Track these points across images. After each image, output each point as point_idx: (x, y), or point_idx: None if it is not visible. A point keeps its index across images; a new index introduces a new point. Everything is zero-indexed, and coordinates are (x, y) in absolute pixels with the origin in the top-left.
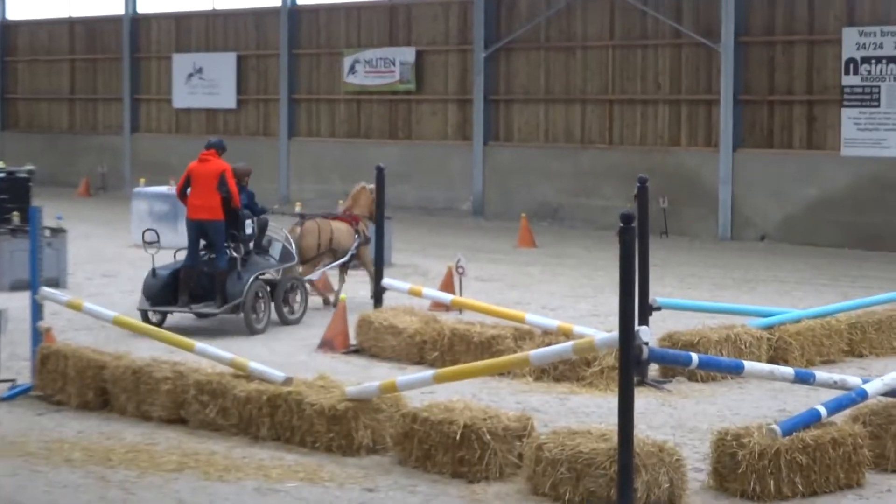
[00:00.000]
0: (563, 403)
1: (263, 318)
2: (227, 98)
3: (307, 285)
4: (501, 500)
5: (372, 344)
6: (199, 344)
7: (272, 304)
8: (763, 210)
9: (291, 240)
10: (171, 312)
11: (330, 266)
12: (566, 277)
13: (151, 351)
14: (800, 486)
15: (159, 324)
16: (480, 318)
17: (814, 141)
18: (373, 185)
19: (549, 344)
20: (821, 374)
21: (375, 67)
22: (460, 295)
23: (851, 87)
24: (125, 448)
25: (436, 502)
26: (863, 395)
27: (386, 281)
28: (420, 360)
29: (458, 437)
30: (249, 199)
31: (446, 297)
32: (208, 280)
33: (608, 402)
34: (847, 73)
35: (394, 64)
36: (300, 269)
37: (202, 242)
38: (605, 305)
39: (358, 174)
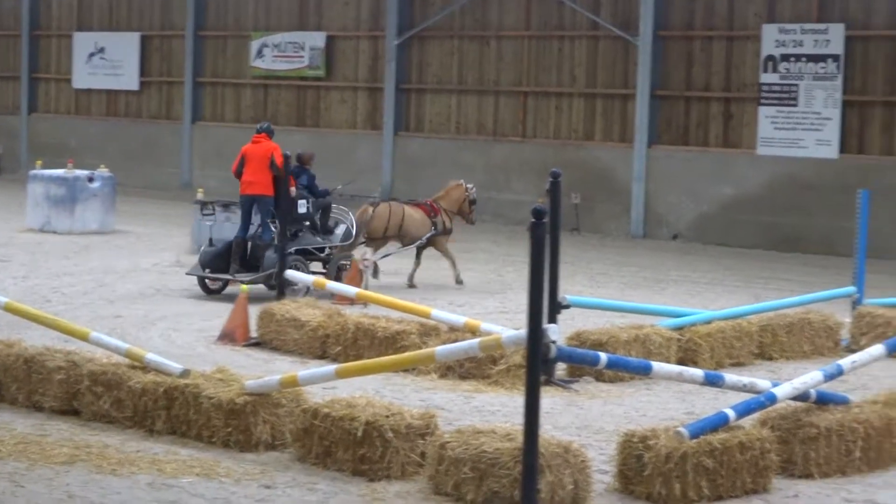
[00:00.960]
0: (468, 402)
1: (300, 290)
2: (129, 79)
3: (365, 264)
4: (403, 500)
5: (273, 337)
6: (95, 333)
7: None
8: (677, 208)
9: (355, 222)
10: (217, 279)
11: (396, 251)
12: (475, 273)
13: (44, 339)
14: (706, 491)
15: (219, 291)
16: (385, 313)
17: (730, 139)
18: (472, 186)
19: (455, 340)
20: (730, 376)
21: (284, 52)
22: (366, 289)
23: (769, 85)
24: (15, 439)
25: (335, 500)
26: (772, 399)
27: (289, 273)
28: (322, 355)
29: (359, 435)
30: (310, 180)
31: (351, 290)
32: (256, 251)
33: (514, 401)
34: (765, 70)
35: (303, 49)
36: (366, 249)
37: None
38: (514, 302)
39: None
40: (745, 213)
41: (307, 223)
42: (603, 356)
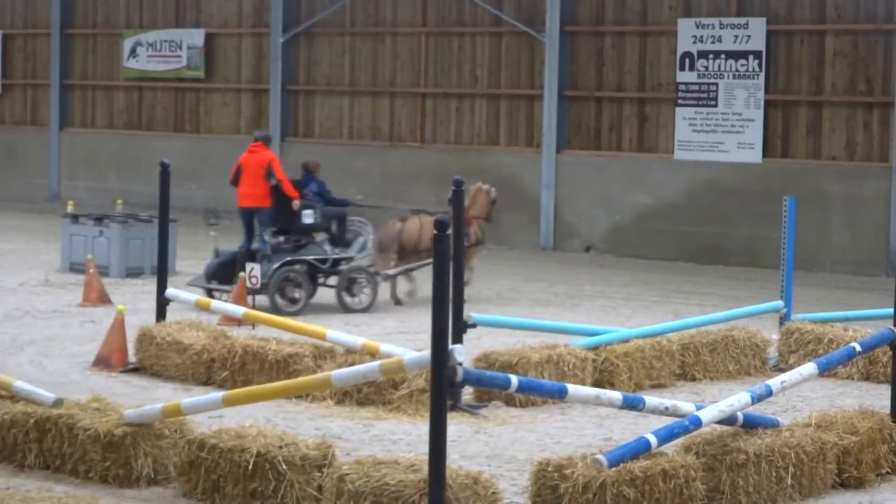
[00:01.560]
0: (368, 430)
1: (301, 301)
2: None
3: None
4: None
5: (153, 362)
6: None
7: (313, 290)
8: (589, 218)
9: (383, 236)
10: (218, 290)
11: (419, 266)
12: None
13: None
14: None
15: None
16: (276, 334)
17: (645, 143)
18: (489, 186)
19: (352, 363)
20: (651, 399)
21: (159, 51)
22: (253, 308)
23: (687, 84)
24: None
25: None
26: (696, 423)
27: (170, 292)
28: (208, 381)
29: (250, 467)
30: (321, 188)
31: (238, 310)
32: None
33: (417, 429)
34: (682, 68)
35: (180, 47)
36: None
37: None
38: (415, 321)
39: (138, 170)
40: (663, 222)
41: (316, 234)
42: (514, 379)
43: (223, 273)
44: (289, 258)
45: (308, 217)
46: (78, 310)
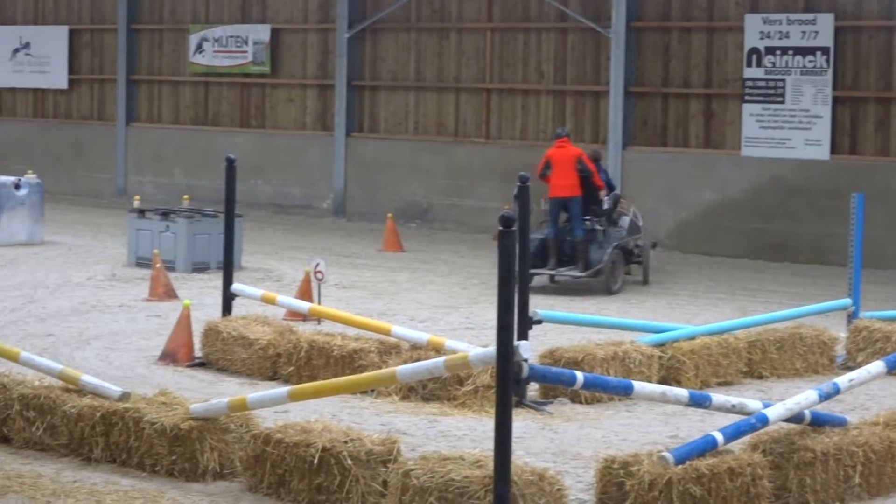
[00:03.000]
0: (433, 426)
1: (619, 282)
2: (57, 77)
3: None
4: None
5: (220, 357)
6: (25, 353)
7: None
8: (655, 214)
9: (639, 214)
10: (539, 275)
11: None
12: (437, 286)
13: None
14: None
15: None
16: (341, 330)
17: (711, 139)
18: None
19: (417, 359)
20: (717, 396)
21: (225, 46)
22: (319, 303)
23: (754, 80)
24: None
25: None
26: (763, 421)
27: (236, 286)
28: (273, 376)
29: (315, 462)
30: (606, 176)
31: (303, 305)
32: (570, 248)
33: (482, 425)
34: (749, 64)
35: (246, 43)
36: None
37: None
38: (480, 317)
39: (204, 165)
40: (729, 219)
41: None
42: (579, 375)
43: (533, 260)
44: (616, 242)
45: (606, 203)
46: (144, 304)
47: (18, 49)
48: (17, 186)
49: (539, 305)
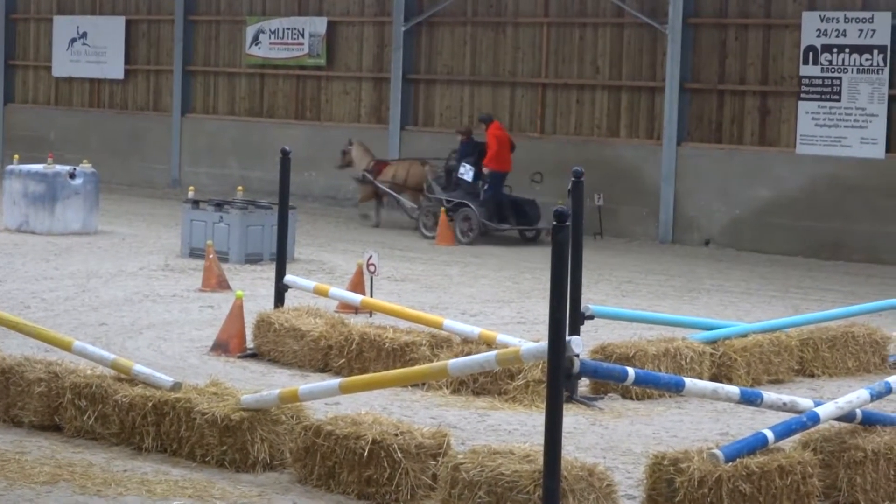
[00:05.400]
0: (483, 420)
1: None
2: (114, 67)
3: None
4: None
5: (271, 348)
6: (78, 342)
7: None
8: (708, 211)
9: None
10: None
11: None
12: (489, 280)
13: (23, 349)
14: None
15: None
16: (393, 323)
17: (767, 136)
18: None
19: (469, 353)
20: (769, 394)
21: (282, 38)
22: (371, 296)
23: (810, 77)
24: None
25: None
26: (814, 420)
27: (288, 278)
28: (325, 368)
29: (365, 454)
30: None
31: (355, 297)
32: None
33: (533, 420)
34: (806, 62)
35: (302, 35)
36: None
37: None
38: (532, 312)
39: (259, 157)
40: (783, 216)
41: None
42: (631, 371)
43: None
44: None
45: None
46: (197, 295)
47: (76, 39)
48: (73, 176)
49: (590, 301)
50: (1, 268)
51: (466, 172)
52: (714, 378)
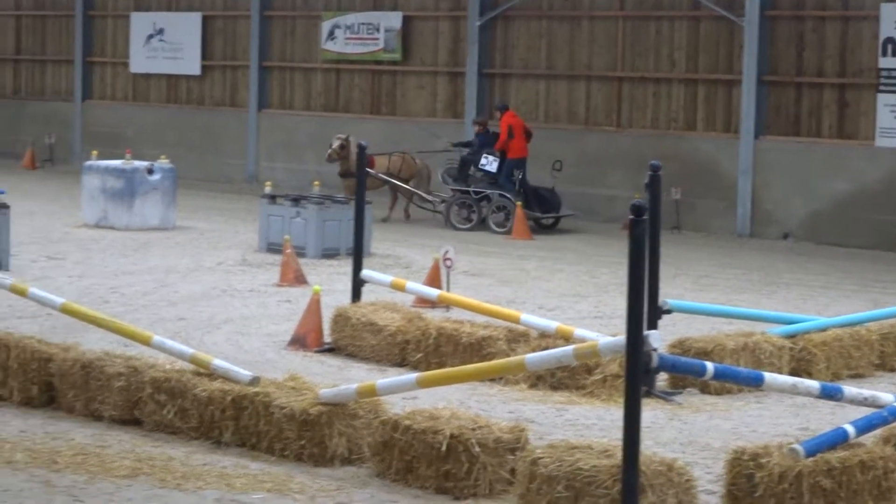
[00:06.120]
0: (561, 414)
1: None
2: (190, 63)
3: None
4: None
5: (348, 342)
6: (157, 337)
7: None
8: (787, 205)
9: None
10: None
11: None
12: (566, 274)
13: (103, 343)
14: None
15: None
16: (470, 317)
17: (845, 129)
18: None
19: (546, 347)
20: (849, 389)
21: (357, 33)
22: (448, 290)
23: (889, 70)
24: (73, 450)
25: None
26: (895, 415)
27: (365, 273)
28: (402, 362)
29: (443, 449)
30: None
31: (432, 292)
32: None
33: (611, 415)
34: (885, 54)
35: (378, 30)
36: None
37: None
38: (610, 306)
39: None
40: (863, 210)
41: None
42: (709, 366)
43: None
44: None
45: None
46: (274, 289)
47: (152, 35)
48: (151, 171)
49: (668, 295)
50: (80, 263)
51: (489, 163)
52: (793, 373)
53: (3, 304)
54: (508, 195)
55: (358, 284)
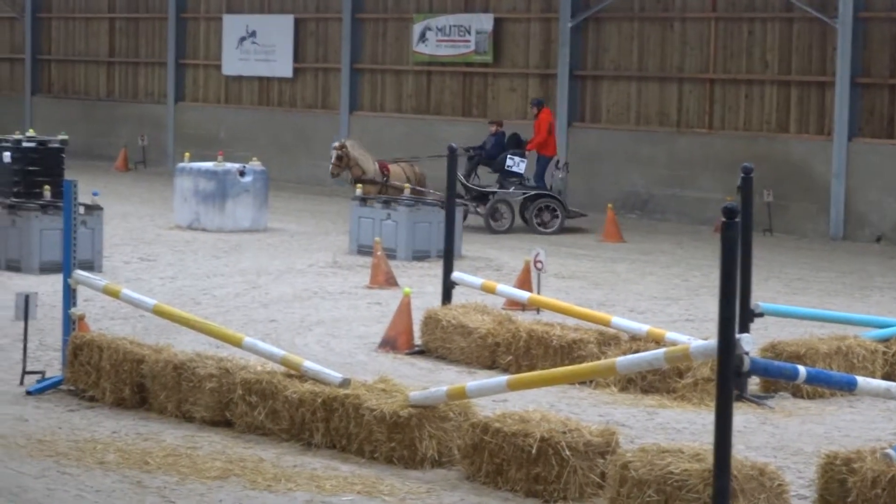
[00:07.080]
0: (652, 418)
1: None
2: (282, 66)
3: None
4: None
5: (439, 345)
6: (248, 338)
7: None
8: (880, 207)
9: None
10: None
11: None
12: (657, 277)
13: (195, 344)
14: None
15: None
16: (560, 320)
17: None
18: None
19: (637, 351)
20: None
21: (448, 36)
22: (538, 293)
23: None
24: (164, 451)
25: None
26: None
27: (456, 275)
28: (492, 365)
29: (533, 452)
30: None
31: (523, 294)
32: None
33: (702, 419)
34: None
35: (469, 32)
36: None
37: None
38: (701, 309)
39: (425, 154)
40: None
41: None
42: (802, 370)
43: None
44: None
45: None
46: (365, 292)
47: (245, 37)
48: (242, 173)
49: (760, 299)
50: (172, 265)
51: (516, 164)
52: (887, 377)
53: (96, 305)
54: (555, 195)
55: (448, 287)
